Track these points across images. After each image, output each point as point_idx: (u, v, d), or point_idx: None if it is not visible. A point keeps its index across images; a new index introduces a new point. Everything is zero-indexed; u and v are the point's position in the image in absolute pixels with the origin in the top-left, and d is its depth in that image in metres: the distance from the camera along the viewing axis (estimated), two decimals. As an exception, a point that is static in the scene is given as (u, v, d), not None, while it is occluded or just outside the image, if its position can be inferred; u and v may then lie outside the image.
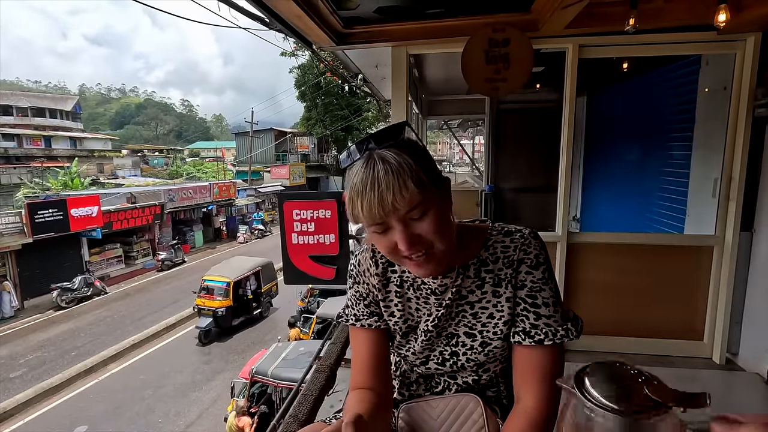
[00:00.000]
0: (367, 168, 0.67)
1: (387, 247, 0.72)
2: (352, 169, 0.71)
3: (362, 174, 0.67)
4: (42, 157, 32.37)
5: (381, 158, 0.67)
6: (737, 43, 2.41)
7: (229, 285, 11.35)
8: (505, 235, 0.82)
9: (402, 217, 0.68)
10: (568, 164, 2.67)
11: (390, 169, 0.66)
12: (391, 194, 0.65)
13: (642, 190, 3.87)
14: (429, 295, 0.84)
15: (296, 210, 2.83)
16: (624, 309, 2.71)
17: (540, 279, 0.79)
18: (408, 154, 0.68)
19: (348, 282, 0.94)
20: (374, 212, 0.66)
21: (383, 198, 0.65)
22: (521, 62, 2.45)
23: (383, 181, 0.65)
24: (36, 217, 12.66)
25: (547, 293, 0.79)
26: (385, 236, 0.71)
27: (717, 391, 2.39)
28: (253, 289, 12.15)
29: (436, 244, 0.71)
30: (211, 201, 20.80)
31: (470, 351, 0.84)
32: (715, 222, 2.56)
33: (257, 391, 7.09)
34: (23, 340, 11.13)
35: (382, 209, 0.66)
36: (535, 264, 0.79)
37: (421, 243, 0.70)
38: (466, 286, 0.82)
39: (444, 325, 0.84)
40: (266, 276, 12.66)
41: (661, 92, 3.51)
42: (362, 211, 0.67)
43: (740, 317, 2.59)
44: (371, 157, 0.68)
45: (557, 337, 0.77)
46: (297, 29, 2.24)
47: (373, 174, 0.66)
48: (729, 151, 2.47)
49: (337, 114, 26.22)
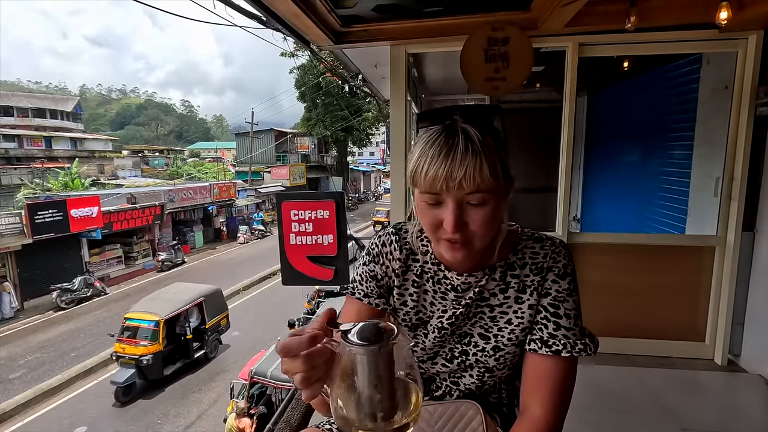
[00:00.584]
0: (448, 136, 0.65)
1: (430, 221, 0.70)
2: (430, 130, 0.68)
3: (441, 140, 0.65)
4: (42, 157, 32.36)
5: (465, 132, 0.65)
6: (739, 42, 2.39)
7: (158, 324, 8.91)
8: (536, 241, 0.80)
9: (460, 198, 0.65)
10: (568, 164, 2.65)
11: (471, 147, 0.64)
12: (463, 171, 0.63)
13: (643, 190, 3.85)
14: (449, 290, 0.81)
15: (294, 210, 2.81)
16: (624, 310, 2.69)
17: (565, 290, 0.77)
18: (491, 138, 0.66)
19: (363, 258, 0.91)
20: (438, 183, 0.64)
21: (453, 172, 0.63)
22: (521, 61, 2.43)
23: (460, 155, 0.63)
24: (36, 217, 12.65)
25: (570, 305, 0.77)
26: (432, 209, 0.68)
27: (719, 393, 2.39)
28: (195, 326, 9.71)
29: (477, 238, 0.69)
30: (212, 201, 20.78)
31: (481, 353, 0.82)
32: (717, 222, 2.54)
33: (257, 392, 7.06)
34: (23, 341, 11.11)
35: (446, 183, 0.64)
36: (562, 273, 0.77)
37: (464, 232, 0.68)
38: (489, 288, 0.80)
39: (460, 324, 0.82)
40: (212, 307, 10.22)
41: (662, 91, 3.49)
42: (425, 177, 0.65)
43: (742, 318, 2.56)
44: (456, 126, 0.66)
45: (575, 350, 0.75)
46: (294, 28, 2.22)
47: (452, 144, 0.64)
48: (731, 150, 2.45)
49: (338, 114, 26.23)
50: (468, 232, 0.68)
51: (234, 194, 22.53)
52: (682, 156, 3.15)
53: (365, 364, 0.48)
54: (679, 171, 3.18)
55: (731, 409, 2.30)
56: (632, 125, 4.07)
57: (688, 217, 3.03)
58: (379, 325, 0.51)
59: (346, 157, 31.70)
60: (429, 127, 0.69)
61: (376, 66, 3.73)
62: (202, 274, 16.30)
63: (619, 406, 2.23)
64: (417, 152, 0.68)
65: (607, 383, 2.40)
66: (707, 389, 2.44)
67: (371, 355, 0.48)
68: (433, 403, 0.86)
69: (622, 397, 2.31)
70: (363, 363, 0.48)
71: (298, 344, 0.51)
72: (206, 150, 55.45)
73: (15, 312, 12.37)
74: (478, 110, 0.69)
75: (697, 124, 2.94)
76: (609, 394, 2.31)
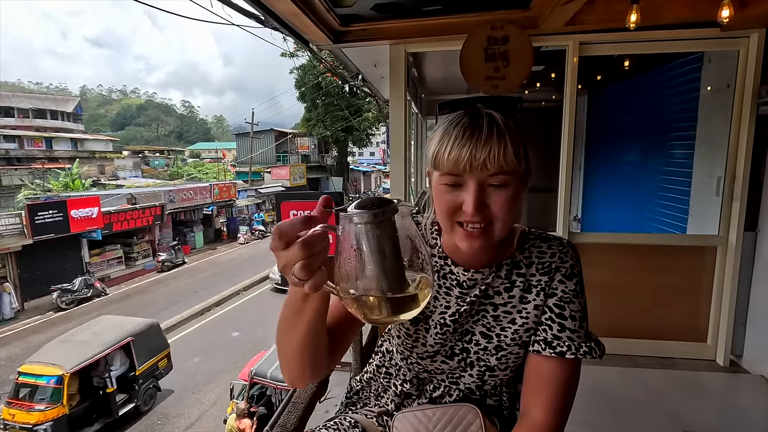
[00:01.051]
0: (473, 118, 0.65)
1: (448, 205, 0.67)
2: (451, 115, 0.67)
3: (465, 122, 0.64)
4: (43, 158, 32.38)
5: (489, 115, 0.65)
6: (741, 40, 2.37)
7: (61, 380, 6.78)
8: (543, 240, 0.79)
9: (482, 179, 0.64)
10: (569, 163, 2.64)
11: (496, 128, 0.63)
12: (487, 151, 0.62)
13: (643, 190, 3.83)
14: (453, 286, 0.79)
15: (293, 210, 2.80)
16: (626, 310, 2.67)
17: (571, 291, 0.76)
18: (514, 123, 0.66)
19: None
20: (461, 163, 0.63)
21: (476, 152, 0.62)
22: (521, 60, 2.42)
23: (485, 135, 0.62)
24: (36, 218, 12.66)
25: (576, 306, 0.75)
26: (452, 192, 0.66)
27: (721, 394, 2.37)
28: (120, 374, 7.77)
29: (498, 222, 0.66)
30: (212, 202, 20.78)
31: (482, 351, 0.79)
32: (719, 221, 2.52)
33: (257, 393, 7.05)
34: (23, 342, 11.10)
35: (469, 163, 0.62)
36: (569, 274, 0.76)
37: (485, 215, 0.65)
38: (494, 286, 0.78)
39: (462, 321, 0.79)
40: (145, 347, 8.17)
41: (663, 91, 3.48)
42: (448, 156, 0.64)
43: (744, 318, 2.54)
44: (479, 111, 0.66)
45: (580, 352, 0.73)
46: (293, 27, 2.20)
47: (476, 125, 0.64)
48: (732, 149, 2.43)
49: (338, 114, 26.22)
50: (489, 215, 0.66)
51: (234, 194, 22.53)
52: (683, 155, 3.14)
53: (369, 232, 0.46)
54: (680, 170, 3.17)
55: (733, 410, 2.28)
56: (633, 125, 4.05)
57: (689, 217, 3.02)
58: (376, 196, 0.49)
59: (346, 157, 31.69)
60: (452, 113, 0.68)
61: (376, 66, 3.72)
62: (203, 275, 16.32)
63: (620, 407, 2.22)
64: (439, 133, 0.67)
65: (608, 384, 2.38)
66: (709, 390, 2.42)
67: (374, 220, 0.46)
68: (432, 407, 0.84)
69: (623, 398, 2.30)
70: (366, 232, 0.46)
71: (291, 226, 0.48)
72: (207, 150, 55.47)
73: (15, 313, 12.38)
74: (500, 100, 0.68)
75: (699, 123, 2.92)
76: (610, 395, 2.30)
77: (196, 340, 11.27)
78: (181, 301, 13.46)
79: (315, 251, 0.47)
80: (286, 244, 0.47)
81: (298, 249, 0.47)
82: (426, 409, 0.84)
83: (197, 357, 10.43)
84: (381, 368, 0.95)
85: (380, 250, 0.46)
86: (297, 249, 0.47)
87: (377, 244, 0.46)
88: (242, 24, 2.91)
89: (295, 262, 0.47)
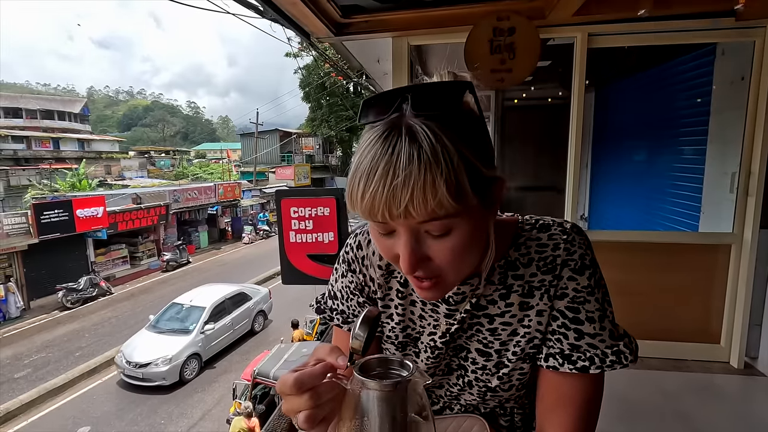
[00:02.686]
0: (386, 142, 0.46)
1: (386, 253, 0.54)
2: (372, 129, 0.49)
3: (377, 149, 0.46)
4: (50, 158, 32.63)
5: (410, 134, 0.45)
6: (756, 30, 2.28)
7: None
8: (541, 229, 0.63)
9: (414, 227, 0.48)
10: (576, 160, 2.56)
11: (418, 156, 0.44)
12: (408, 193, 0.44)
13: (653, 187, 3.74)
14: (439, 302, 0.67)
15: (294, 207, 2.74)
16: (636, 310, 2.59)
17: (585, 287, 0.60)
18: (455, 135, 0.46)
19: (338, 268, 0.74)
20: (377, 210, 0.46)
21: (395, 195, 0.45)
22: (527, 52, 2.35)
23: (403, 170, 0.44)
24: (42, 217, 12.73)
25: (593, 305, 0.60)
26: (385, 239, 0.52)
27: (735, 397, 2.28)
28: None
29: (446, 274, 0.52)
30: (216, 202, 20.83)
31: (481, 371, 0.68)
32: (733, 219, 2.44)
33: (260, 393, 7.02)
34: (28, 341, 11.17)
35: (388, 210, 0.45)
36: (579, 267, 0.61)
37: (428, 269, 0.51)
38: (486, 295, 0.64)
39: (454, 338, 0.68)
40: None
41: (673, 85, 3.39)
42: (361, 202, 0.47)
43: (760, 319, 2.45)
44: (397, 126, 0.46)
45: (606, 363, 0.59)
46: (293, 18, 2.15)
47: (391, 154, 0.45)
48: (748, 144, 2.34)
49: (342, 114, 26.24)
50: (433, 268, 0.52)
51: (239, 194, 22.58)
52: (694, 151, 3.05)
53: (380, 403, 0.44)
54: (691, 167, 3.08)
55: (748, 414, 2.20)
56: (641, 120, 3.96)
57: (701, 215, 2.93)
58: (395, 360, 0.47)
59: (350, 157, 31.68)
60: (373, 124, 0.49)
61: (379, 61, 3.66)
62: (207, 275, 16.34)
63: (630, 411, 2.14)
64: (352, 168, 0.49)
65: (619, 387, 2.30)
66: (723, 393, 2.34)
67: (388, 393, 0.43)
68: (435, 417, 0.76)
69: (633, 401, 2.22)
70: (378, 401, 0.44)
71: (312, 378, 0.44)
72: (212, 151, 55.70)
73: (21, 312, 12.45)
74: (439, 89, 0.49)
75: (711, 117, 2.83)
76: (620, 399, 2.22)
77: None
78: (186, 301, 13.47)
79: (322, 401, 0.44)
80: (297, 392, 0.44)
81: (308, 398, 0.44)
82: None
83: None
84: None
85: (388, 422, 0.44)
86: (307, 398, 0.44)
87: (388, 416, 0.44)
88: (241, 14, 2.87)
89: (300, 411, 0.44)
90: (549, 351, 0.63)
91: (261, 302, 11.89)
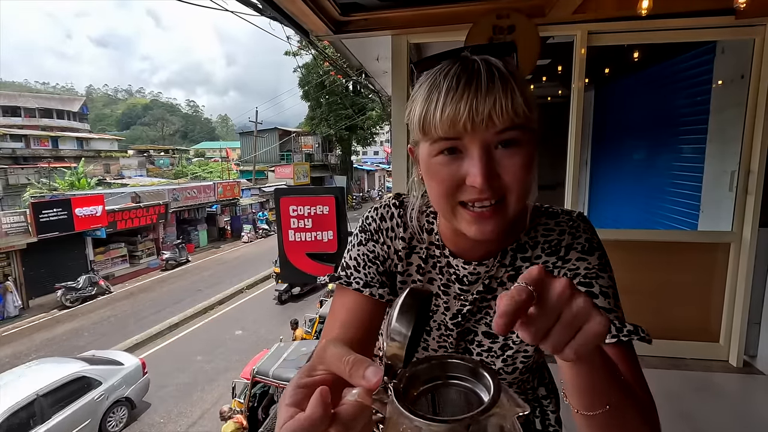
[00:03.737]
0: (465, 66, 0.51)
1: (448, 181, 0.53)
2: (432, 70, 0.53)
3: (456, 71, 0.50)
4: (49, 157, 32.58)
5: (486, 61, 0.51)
6: (756, 29, 2.28)
7: None
8: (549, 216, 0.66)
9: (488, 141, 0.51)
10: (576, 159, 2.56)
11: (498, 73, 0.50)
12: (491, 101, 0.48)
13: (652, 185, 3.74)
14: (452, 282, 0.67)
15: (293, 206, 2.73)
16: (635, 309, 2.57)
17: (597, 265, 0.61)
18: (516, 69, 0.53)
19: (357, 237, 0.72)
20: (460, 120, 0.49)
21: (478, 104, 0.48)
22: (527, 50, 2.34)
23: (486, 82, 0.49)
24: (41, 216, 12.71)
25: (606, 281, 0.61)
26: (451, 164, 0.53)
27: (734, 396, 2.28)
28: None
29: (512, 195, 0.52)
30: (216, 200, 20.81)
31: (486, 353, 0.69)
32: (732, 217, 2.44)
33: (259, 392, 7.01)
34: (28, 339, 11.16)
35: (470, 119, 0.49)
36: (588, 249, 0.63)
37: (497, 187, 0.52)
38: (498, 277, 0.65)
39: (464, 321, 0.69)
40: None
41: (673, 83, 3.38)
42: (442, 115, 0.50)
43: (759, 317, 2.46)
44: (470, 58, 0.52)
45: (623, 333, 0.57)
46: (291, 15, 2.14)
47: (471, 72, 0.50)
48: (747, 142, 2.34)
49: (341, 113, 26.19)
50: (500, 186, 0.52)
51: (238, 193, 22.55)
52: (694, 150, 3.05)
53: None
54: (691, 165, 3.07)
55: (747, 412, 2.20)
56: (641, 119, 3.96)
57: (700, 213, 2.93)
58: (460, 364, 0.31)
59: (350, 156, 31.67)
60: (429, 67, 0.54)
61: (378, 59, 3.65)
62: (207, 273, 16.33)
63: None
64: (424, 91, 0.53)
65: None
66: (722, 392, 2.34)
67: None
68: None
69: (632, 399, 2.22)
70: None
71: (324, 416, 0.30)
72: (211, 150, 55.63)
73: (19, 311, 12.43)
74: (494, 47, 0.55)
75: (711, 116, 2.83)
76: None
77: (199, 337, 11.26)
78: (185, 300, 13.47)
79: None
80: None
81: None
82: None
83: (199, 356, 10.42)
84: None
85: None
86: None
87: None
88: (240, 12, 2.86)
89: None
90: None
91: (121, 386, 7.47)
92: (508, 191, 0.53)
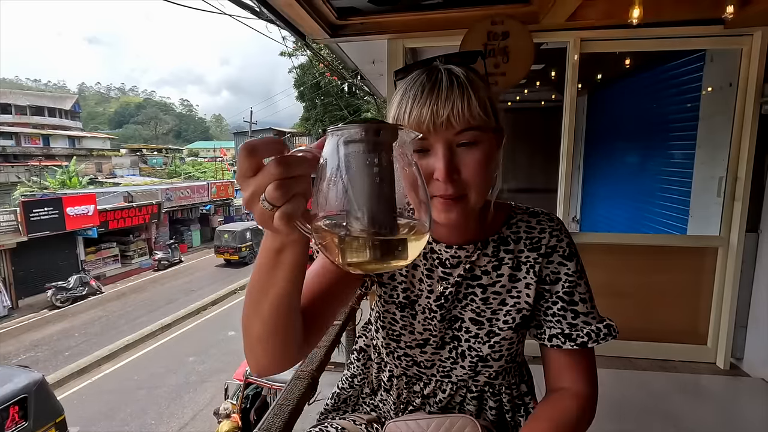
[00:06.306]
0: (430, 75, 0.60)
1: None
2: (406, 78, 0.63)
3: (422, 80, 0.60)
4: (40, 155, 32.25)
5: (447, 70, 0.60)
6: (743, 38, 2.34)
7: None
8: (531, 215, 0.74)
9: (450, 140, 0.59)
10: (568, 163, 2.60)
11: (456, 82, 0.59)
12: (450, 106, 0.57)
13: (643, 190, 3.80)
14: (436, 266, 0.73)
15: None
16: (625, 312, 2.63)
17: (575, 272, 0.72)
18: (478, 76, 0.62)
19: None
20: (423, 122, 0.58)
21: (439, 109, 0.58)
22: (521, 55, 2.38)
23: (445, 90, 0.58)
24: (31, 215, 12.57)
25: (583, 288, 0.73)
26: (420, 160, 0.61)
27: (721, 398, 2.33)
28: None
29: (472, 189, 0.61)
30: (209, 200, 20.71)
31: (473, 339, 0.74)
32: (720, 222, 2.49)
33: (251, 393, 6.99)
34: (16, 340, 11.01)
35: (432, 121, 0.58)
36: (568, 254, 0.72)
37: (458, 182, 0.60)
38: (480, 265, 0.72)
39: (449, 306, 0.73)
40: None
41: (664, 90, 3.45)
42: (409, 118, 0.59)
43: (745, 321, 2.51)
44: (436, 68, 0.61)
45: (600, 336, 0.71)
46: (288, 19, 2.16)
47: (434, 81, 0.59)
48: (735, 149, 2.39)
49: (337, 114, 26.16)
50: (461, 181, 0.60)
51: (232, 193, 22.47)
52: (683, 155, 3.10)
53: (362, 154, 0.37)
54: (680, 171, 3.13)
55: (733, 413, 2.24)
56: (633, 124, 4.02)
57: (689, 218, 2.98)
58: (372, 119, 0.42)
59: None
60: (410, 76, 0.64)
61: (374, 62, 3.68)
62: (200, 274, 16.25)
63: (617, 411, 2.17)
64: (398, 97, 0.62)
65: (606, 387, 2.33)
66: (709, 393, 2.38)
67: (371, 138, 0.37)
68: (427, 417, 0.78)
69: (621, 401, 2.25)
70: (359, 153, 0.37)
71: (265, 145, 0.38)
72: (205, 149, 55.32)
73: (8, 311, 12.27)
74: (460, 54, 0.64)
75: (700, 122, 2.89)
76: (607, 398, 2.25)
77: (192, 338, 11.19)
78: (177, 300, 13.38)
79: (293, 174, 0.37)
80: (257, 168, 0.38)
81: (274, 167, 0.36)
82: (420, 419, 0.77)
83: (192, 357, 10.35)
84: (367, 366, 0.89)
85: (372, 177, 0.38)
86: (272, 167, 0.36)
87: (370, 170, 0.38)
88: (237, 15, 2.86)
89: (267, 184, 0.37)
90: (551, 332, 0.72)
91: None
92: (468, 187, 0.61)
